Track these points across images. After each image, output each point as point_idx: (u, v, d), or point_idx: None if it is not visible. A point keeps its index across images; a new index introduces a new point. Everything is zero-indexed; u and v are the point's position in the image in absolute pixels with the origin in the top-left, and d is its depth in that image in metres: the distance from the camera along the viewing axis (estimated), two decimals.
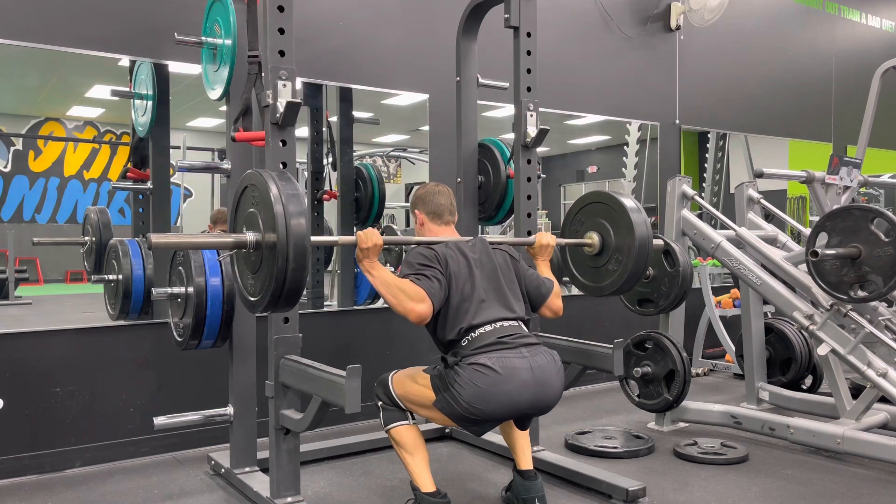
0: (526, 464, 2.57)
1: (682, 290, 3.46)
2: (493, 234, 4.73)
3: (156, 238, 1.95)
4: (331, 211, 4.29)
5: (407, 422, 2.41)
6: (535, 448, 3.08)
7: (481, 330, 2.35)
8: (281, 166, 2.50)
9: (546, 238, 2.74)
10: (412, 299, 2.29)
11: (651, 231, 2.74)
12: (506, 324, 2.39)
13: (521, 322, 2.46)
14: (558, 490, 2.86)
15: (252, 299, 2.12)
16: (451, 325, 2.38)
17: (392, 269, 5.26)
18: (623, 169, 6.81)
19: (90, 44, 3.21)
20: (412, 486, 2.42)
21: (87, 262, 3.48)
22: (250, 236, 2.04)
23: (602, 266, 2.82)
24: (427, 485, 2.37)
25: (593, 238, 2.82)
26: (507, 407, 2.27)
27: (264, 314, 2.27)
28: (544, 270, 2.72)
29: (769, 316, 4.34)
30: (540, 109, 3.11)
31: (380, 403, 2.46)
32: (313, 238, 2.03)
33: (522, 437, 2.61)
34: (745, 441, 3.46)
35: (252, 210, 2.08)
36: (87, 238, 3.45)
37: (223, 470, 2.97)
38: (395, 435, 2.41)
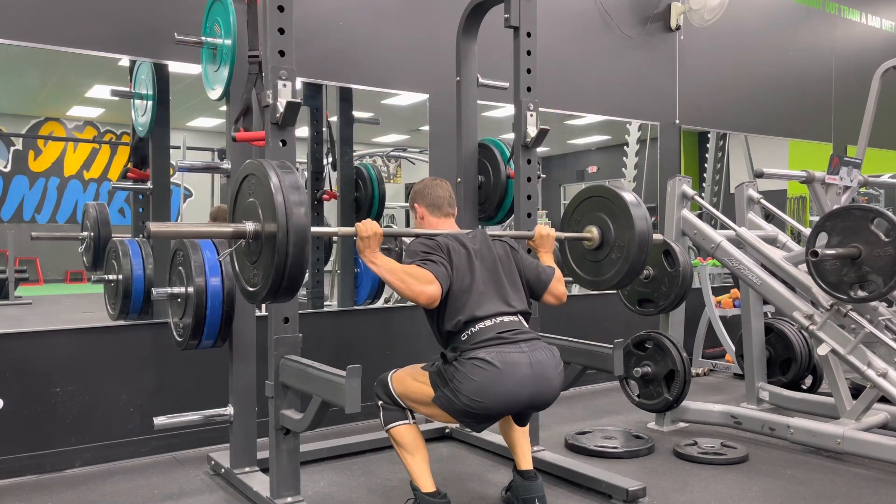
0: (526, 464, 2.57)
1: (682, 290, 3.46)
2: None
3: (154, 227, 1.94)
4: (331, 211, 4.29)
5: (407, 421, 2.41)
6: (535, 448, 3.08)
7: (481, 325, 2.34)
8: None
9: (546, 229, 2.75)
10: (420, 282, 2.29)
11: (651, 225, 2.74)
12: (506, 319, 2.39)
13: (521, 316, 2.46)
14: (558, 490, 2.86)
15: (251, 290, 2.11)
16: (450, 316, 2.38)
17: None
18: (623, 169, 6.81)
19: (90, 44, 3.21)
20: (412, 486, 2.42)
21: (85, 258, 3.47)
22: (250, 226, 2.03)
23: (602, 260, 2.81)
24: (427, 485, 2.37)
25: (593, 232, 2.81)
26: (506, 401, 2.27)
27: (264, 305, 2.26)
28: (547, 261, 2.71)
29: (769, 316, 4.34)
30: (540, 109, 3.11)
31: (380, 403, 2.46)
32: (312, 229, 2.03)
33: (522, 437, 2.62)
34: (745, 441, 3.46)
35: (252, 200, 2.06)
36: (85, 234, 3.43)
37: (223, 470, 2.97)
38: (396, 435, 2.41)
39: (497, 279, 2.47)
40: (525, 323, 2.46)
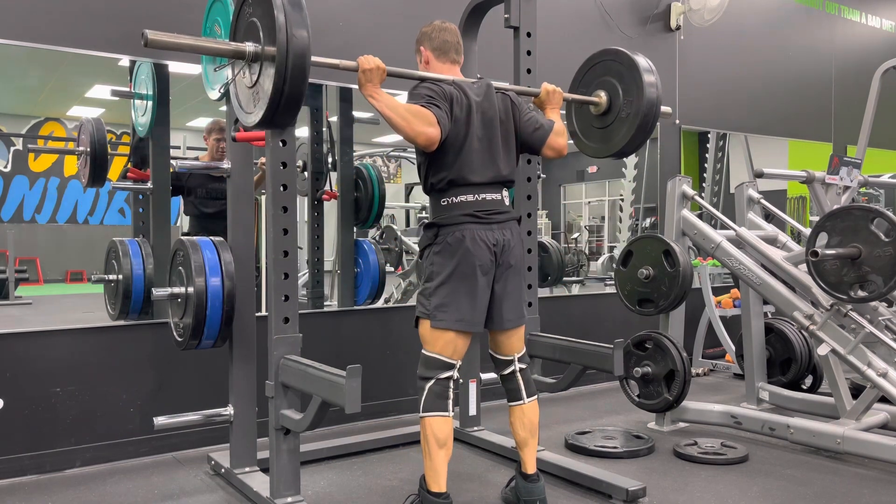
0: (531, 466, 2.57)
1: (682, 290, 3.46)
2: None
3: (152, 34, 1.89)
4: (331, 211, 4.29)
5: (445, 413, 2.37)
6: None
7: (462, 197, 2.40)
8: (281, 167, 2.51)
9: (552, 86, 2.71)
10: (422, 121, 2.28)
11: (661, 94, 2.69)
12: (488, 196, 2.43)
13: (504, 190, 2.50)
14: (558, 490, 2.86)
15: (248, 113, 2.08)
16: (438, 169, 2.42)
17: (392, 268, 5.26)
18: (623, 169, 6.82)
19: (90, 44, 3.21)
20: (422, 482, 2.41)
21: (82, 175, 3.39)
22: (249, 46, 1.98)
23: (610, 124, 2.78)
24: (439, 484, 2.36)
25: (601, 96, 2.78)
26: (474, 257, 2.36)
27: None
28: (553, 118, 2.67)
29: (769, 316, 4.34)
30: None
31: (427, 385, 2.39)
32: (312, 58, 1.97)
33: (531, 436, 2.58)
34: (745, 441, 3.46)
35: (252, 20, 2.01)
36: (82, 149, 3.34)
37: (223, 470, 2.97)
38: (431, 424, 2.36)
39: (492, 137, 2.47)
40: (506, 200, 2.50)
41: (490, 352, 2.66)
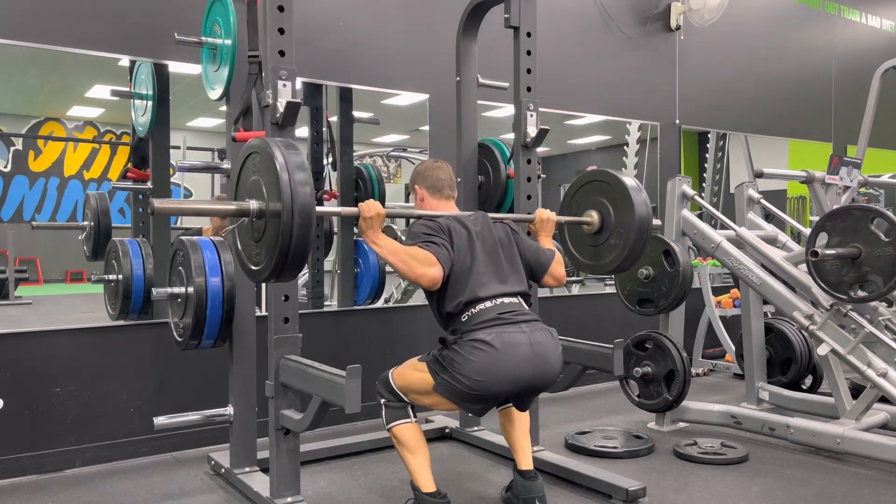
0: (526, 464, 2.57)
1: (682, 290, 3.46)
2: None
3: (158, 203, 1.93)
4: None
5: (409, 420, 2.42)
6: (535, 448, 3.08)
7: (481, 306, 2.36)
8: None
9: (546, 213, 2.76)
10: (423, 264, 2.31)
11: (651, 211, 2.73)
12: (506, 300, 2.40)
13: (521, 298, 2.47)
14: (558, 490, 2.86)
15: (254, 268, 2.09)
16: (451, 297, 2.39)
17: (392, 268, 5.26)
18: (623, 169, 6.81)
19: (90, 44, 3.21)
20: (412, 486, 2.42)
21: (85, 247, 3.46)
22: (253, 204, 2.01)
23: (601, 245, 2.81)
24: (428, 485, 2.38)
25: (593, 216, 2.81)
26: (507, 381, 2.27)
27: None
28: (547, 244, 2.72)
29: (769, 316, 4.34)
30: (540, 109, 3.11)
31: (382, 401, 2.46)
32: (318, 209, 2.00)
33: (523, 437, 2.62)
34: (745, 441, 3.46)
35: (255, 178, 2.04)
36: (85, 223, 3.43)
37: (223, 470, 2.97)
38: (398, 433, 2.41)
39: (497, 261, 2.48)
40: (525, 305, 2.47)
41: None
